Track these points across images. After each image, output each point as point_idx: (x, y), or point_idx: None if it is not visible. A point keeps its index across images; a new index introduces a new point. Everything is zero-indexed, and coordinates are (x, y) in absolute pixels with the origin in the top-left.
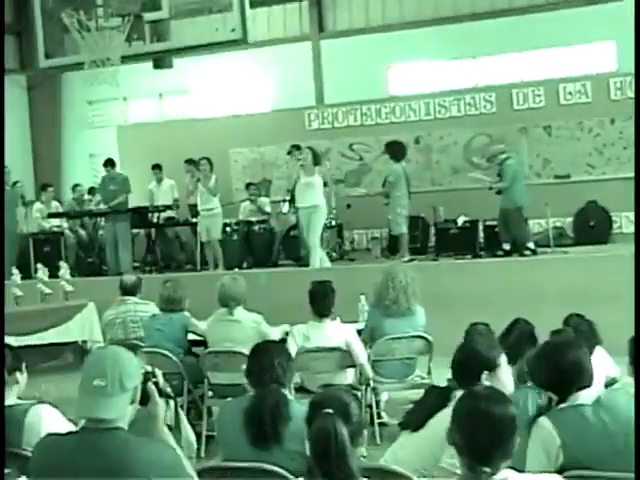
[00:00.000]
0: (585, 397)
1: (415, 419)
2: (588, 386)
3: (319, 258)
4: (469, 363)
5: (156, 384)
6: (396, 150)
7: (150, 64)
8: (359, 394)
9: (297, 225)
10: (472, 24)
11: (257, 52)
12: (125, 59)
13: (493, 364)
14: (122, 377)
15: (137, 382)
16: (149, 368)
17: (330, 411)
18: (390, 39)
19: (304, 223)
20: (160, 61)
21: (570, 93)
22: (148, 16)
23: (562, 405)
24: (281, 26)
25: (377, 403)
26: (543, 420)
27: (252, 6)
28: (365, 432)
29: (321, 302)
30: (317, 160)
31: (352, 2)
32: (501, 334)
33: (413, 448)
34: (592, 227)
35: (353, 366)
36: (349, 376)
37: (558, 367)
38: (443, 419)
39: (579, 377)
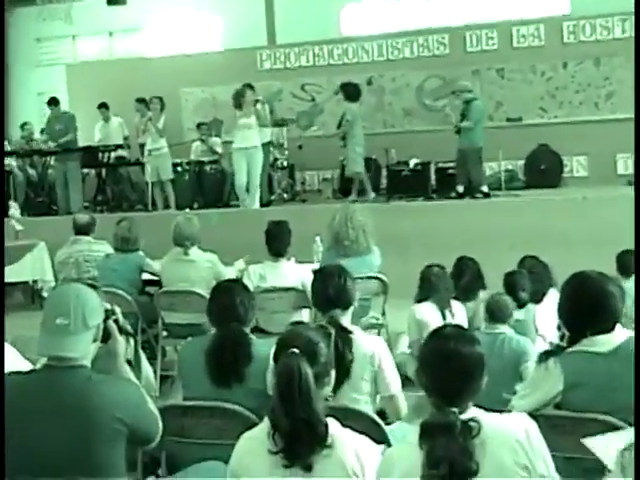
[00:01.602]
0: (602, 342)
1: None
2: (607, 331)
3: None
4: None
5: (116, 321)
6: (351, 91)
7: (98, 1)
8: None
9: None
10: None
11: None
12: None
13: None
14: (85, 315)
15: (100, 320)
16: (109, 306)
17: (296, 350)
18: None
19: (242, 165)
20: None
21: (523, 36)
22: None
23: (575, 347)
24: None
25: None
26: (552, 363)
27: None
28: (333, 372)
29: (278, 242)
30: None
31: None
32: (451, 274)
33: None
34: (543, 170)
35: (308, 307)
36: (304, 316)
37: (575, 299)
38: None
39: (596, 316)
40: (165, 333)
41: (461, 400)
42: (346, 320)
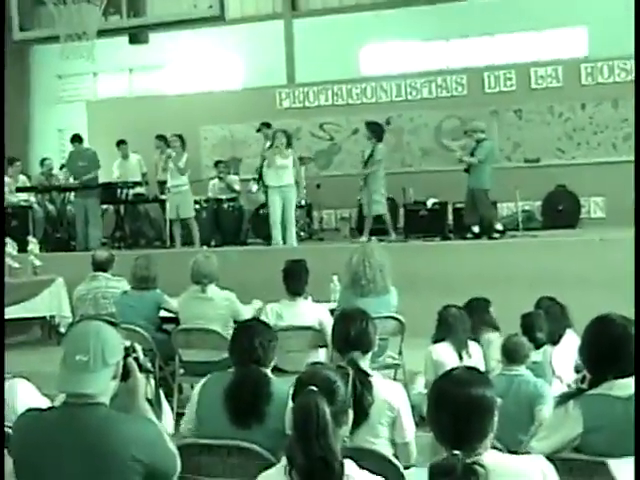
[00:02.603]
0: (623, 386)
1: None
2: (628, 375)
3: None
4: None
5: (136, 359)
6: (378, 130)
7: (120, 39)
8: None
9: (266, 204)
10: (445, 6)
11: (229, 29)
12: (101, 34)
13: None
14: (104, 352)
15: (119, 357)
16: (128, 343)
17: (314, 388)
18: (362, 19)
19: (277, 202)
20: (136, 36)
21: (541, 77)
22: None
23: (596, 390)
24: (254, 4)
25: None
26: (572, 407)
27: None
28: (350, 412)
29: (295, 281)
30: (290, 142)
31: None
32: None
33: None
34: (560, 211)
35: (325, 346)
36: (321, 355)
37: (598, 342)
38: None
39: (618, 359)
40: (182, 370)
41: (468, 443)
42: (365, 363)
